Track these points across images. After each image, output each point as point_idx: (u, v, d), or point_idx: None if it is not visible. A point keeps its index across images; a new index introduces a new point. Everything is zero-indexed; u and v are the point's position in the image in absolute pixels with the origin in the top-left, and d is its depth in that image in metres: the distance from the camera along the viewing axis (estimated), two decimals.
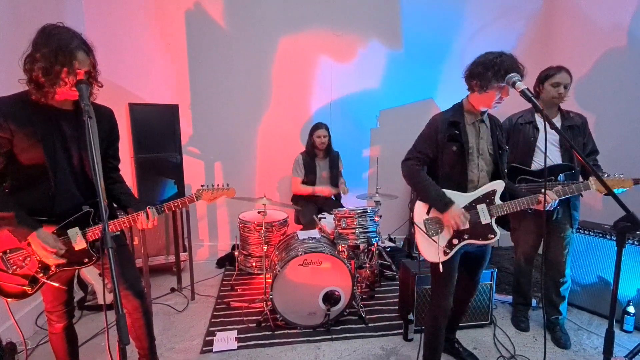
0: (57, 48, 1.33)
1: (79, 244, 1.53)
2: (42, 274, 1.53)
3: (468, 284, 2.09)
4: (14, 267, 1.50)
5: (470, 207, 1.83)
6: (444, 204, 1.79)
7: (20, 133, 1.39)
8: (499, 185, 1.84)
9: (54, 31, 1.37)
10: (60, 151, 1.48)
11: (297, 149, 3.61)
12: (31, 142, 1.41)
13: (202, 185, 1.77)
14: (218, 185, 1.78)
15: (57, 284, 1.57)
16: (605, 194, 1.64)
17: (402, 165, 1.92)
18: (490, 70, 1.68)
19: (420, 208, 1.90)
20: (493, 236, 1.84)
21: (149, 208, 1.61)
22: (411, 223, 1.98)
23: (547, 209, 1.84)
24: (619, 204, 1.21)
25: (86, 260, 1.59)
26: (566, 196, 1.88)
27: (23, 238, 1.42)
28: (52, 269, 1.54)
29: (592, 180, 1.85)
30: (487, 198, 1.83)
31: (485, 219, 1.83)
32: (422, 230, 1.87)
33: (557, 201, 1.86)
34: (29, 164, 1.44)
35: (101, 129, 1.57)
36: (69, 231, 1.52)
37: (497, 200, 1.84)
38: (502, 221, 1.94)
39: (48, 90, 1.37)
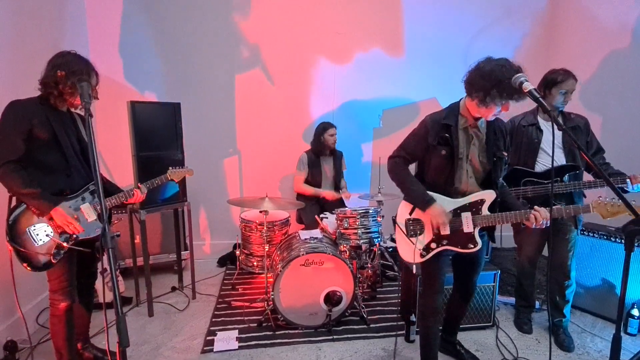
0: (87, 71, 1.73)
1: (91, 216, 1.82)
2: (65, 243, 1.77)
3: (463, 287, 2.07)
4: (40, 240, 1.72)
5: (455, 214, 1.79)
6: (425, 202, 1.76)
7: (40, 126, 1.70)
8: (488, 195, 1.77)
9: (78, 58, 1.75)
10: (68, 141, 1.80)
11: (300, 147, 3.59)
12: (49, 133, 1.72)
13: (170, 167, 2.30)
14: (180, 167, 2.37)
15: (81, 248, 1.80)
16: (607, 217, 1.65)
17: (387, 161, 1.91)
18: (495, 89, 1.56)
19: (403, 208, 1.91)
20: (473, 246, 1.78)
21: (140, 184, 2.10)
22: (393, 222, 1.98)
23: (536, 227, 1.69)
24: (630, 208, 1.19)
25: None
26: (561, 216, 1.86)
27: (46, 212, 1.68)
28: (72, 238, 1.79)
29: (593, 204, 1.69)
30: (474, 207, 1.77)
31: (467, 227, 1.77)
32: (401, 230, 1.89)
33: (548, 221, 1.68)
34: (46, 152, 1.74)
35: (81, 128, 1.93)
36: (82, 206, 1.80)
37: (485, 211, 1.76)
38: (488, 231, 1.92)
39: (68, 98, 1.76)
